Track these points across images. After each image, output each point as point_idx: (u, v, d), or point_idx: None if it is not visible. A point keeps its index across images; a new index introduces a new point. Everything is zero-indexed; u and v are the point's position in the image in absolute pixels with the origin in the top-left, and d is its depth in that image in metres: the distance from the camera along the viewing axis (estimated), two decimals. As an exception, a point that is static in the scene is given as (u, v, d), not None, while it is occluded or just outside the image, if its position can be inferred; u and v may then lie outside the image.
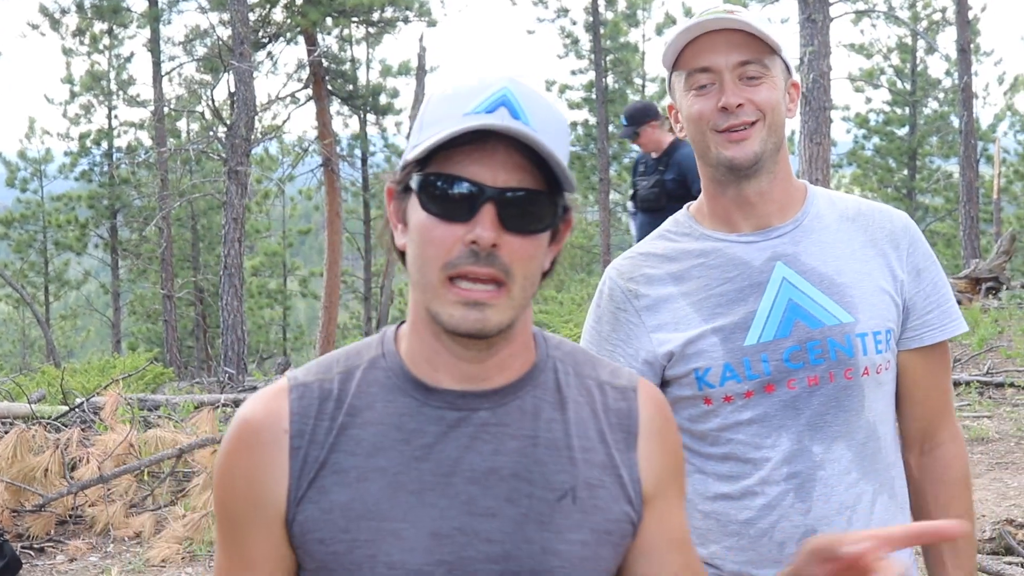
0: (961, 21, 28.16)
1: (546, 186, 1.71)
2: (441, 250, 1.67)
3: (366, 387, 1.80)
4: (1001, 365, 12.80)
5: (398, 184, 1.77)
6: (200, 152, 27.53)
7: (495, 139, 1.67)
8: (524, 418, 1.79)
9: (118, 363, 18.39)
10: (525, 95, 1.73)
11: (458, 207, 1.67)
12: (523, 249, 1.69)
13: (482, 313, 1.67)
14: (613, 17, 37.86)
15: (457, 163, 1.68)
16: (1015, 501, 7.96)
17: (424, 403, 1.77)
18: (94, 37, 35.48)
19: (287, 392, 1.80)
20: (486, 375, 1.78)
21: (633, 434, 1.84)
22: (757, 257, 2.44)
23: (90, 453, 8.44)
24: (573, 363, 1.89)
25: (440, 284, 1.68)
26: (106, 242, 38.44)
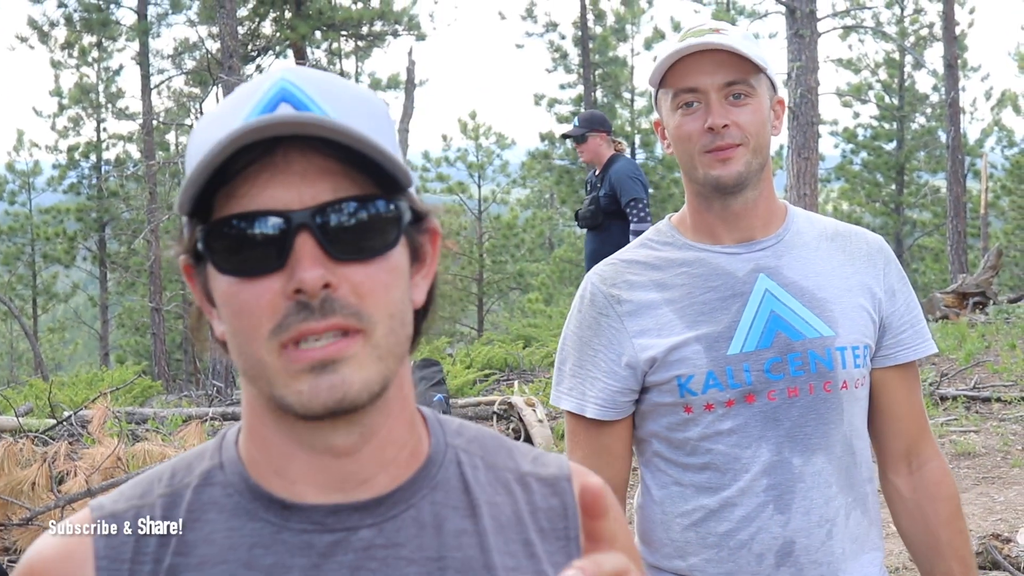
0: (948, 37, 28.29)
1: (376, 189, 1.28)
2: (260, 316, 1.23)
3: (200, 512, 1.33)
4: (988, 380, 12.82)
5: (189, 254, 1.31)
6: (189, 165, 27.48)
7: (286, 147, 1.24)
8: (423, 534, 1.33)
9: (106, 376, 18.36)
10: (310, 79, 1.30)
11: (263, 253, 1.23)
12: (371, 280, 1.26)
13: (336, 374, 1.23)
14: (602, 31, 37.93)
15: (243, 195, 1.24)
16: (1001, 516, 7.97)
17: (282, 527, 1.31)
18: (83, 50, 35.46)
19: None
20: (363, 474, 1.33)
21: (574, 539, 1.40)
22: (740, 268, 2.46)
23: (78, 467, 8.42)
24: (482, 452, 1.44)
25: (273, 358, 1.24)
26: (94, 255, 38.38)
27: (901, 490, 2.60)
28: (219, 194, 1.25)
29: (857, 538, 2.48)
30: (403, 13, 31.68)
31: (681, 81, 2.41)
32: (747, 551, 2.41)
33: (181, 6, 32.36)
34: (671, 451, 2.48)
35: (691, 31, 2.42)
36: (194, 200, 1.24)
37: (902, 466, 2.60)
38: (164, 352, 32.43)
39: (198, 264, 1.31)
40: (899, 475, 2.60)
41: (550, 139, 39.29)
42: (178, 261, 1.34)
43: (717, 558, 2.43)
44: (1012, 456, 9.67)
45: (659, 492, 2.51)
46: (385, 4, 31.72)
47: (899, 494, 2.60)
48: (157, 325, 32.59)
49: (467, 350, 16.36)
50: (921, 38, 39.14)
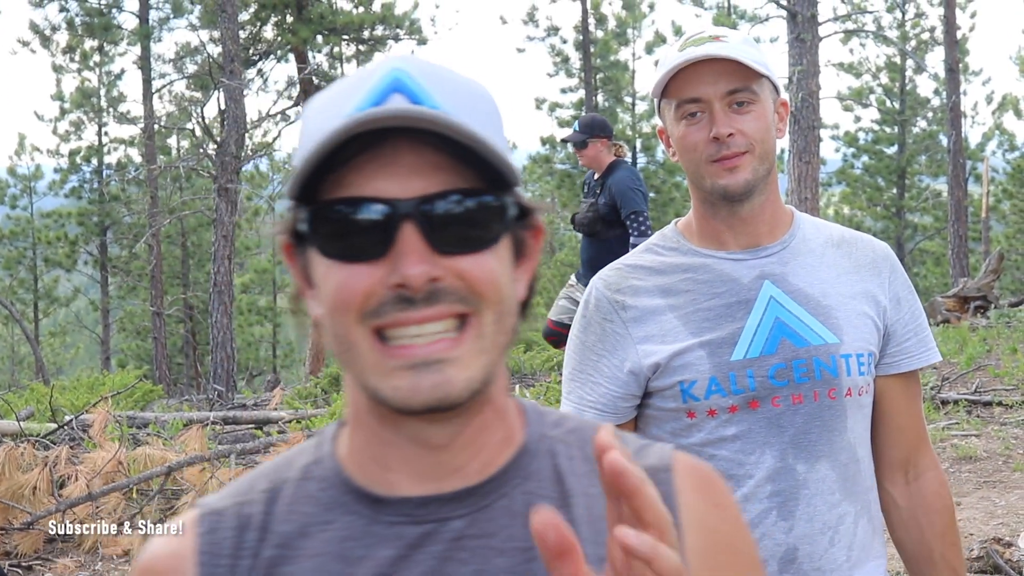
0: (949, 41, 28.30)
1: (482, 183, 1.25)
2: (355, 300, 1.22)
3: (297, 507, 1.35)
4: (989, 384, 12.82)
5: (290, 235, 1.31)
6: (190, 169, 27.54)
7: (396, 137, 1.22)
8: (514, 523, 1.30)
9: (107, 380, 18.36)
10: (426, 72, 1.28)
11: (367, 240, 1.22)
12: (480, 266, 1.23)
13: (440, 373, 1.21)
14: (603, 36, 37.95)
15: (352, 182, 1.23)
16: (1003, 520, 7.97)
17: (373, 519, 1.31)
18: (84, 54, 35.47)
19: (195, 526, 1.37)
20: (456, 464, 1.31)
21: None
22: (746, 275, 2.46)
23: (79, 471, 8.42)
24: (580, 443, 1.39)
25: (369, 347, 1.23)
26: (96, 259, 38.39)
27: (897, 500, 2.60)
28: (326, 181, 1.24)
29: (861, 546, 2.47)
30: (404, 17, 31.68)
31: (683, 92, 2.41)
32: None
33: (183, 10, 32.36)
34: None
35: (691, 39, 2.43)
36: (303, 186, 1.25)
37: (899, 476, 2.60)
38: (165, 356, 32.43)
39: (299, 246, 1.31)
40: (896, 485, 2.60)
41: (551, 143, 39.29)
42: (278, 240, 1.34)
43: None
44: (1013, 460, 9.67)
45: None
46: (386, 8, 31.73)
47: (895, 504, 2.60)
48: (158, 329, 32.60)
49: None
50: (922, 42, 39.16)
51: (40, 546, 7.96)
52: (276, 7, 29.46)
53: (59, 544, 8.10)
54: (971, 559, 6.75)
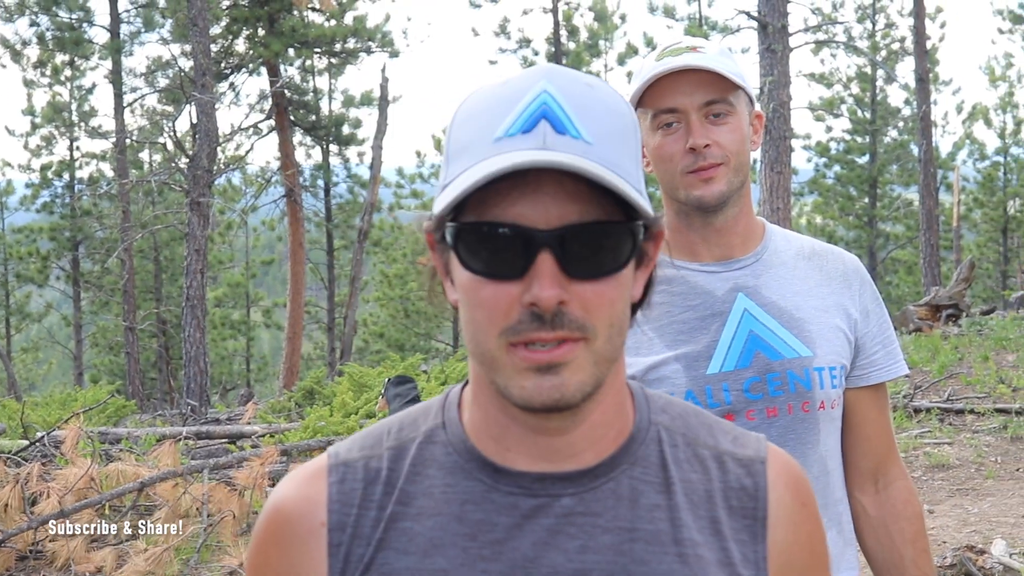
0: (919, 51, 28.46)
1: (617, 209, 1.35)
2: (496, 315, 1.33)
3: (422, 467, 1.46)
4: (961, 392, 12.89)
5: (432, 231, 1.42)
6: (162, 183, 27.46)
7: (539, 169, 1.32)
8: (619, 505, 1.42)
9: (80, 396, 18.28)
10: (571, 94, 1.37)
11: (506, 261, 1.32)
12: (599, 297, 1.34)
13: (559, 377, 1.32)
14: (575, 47, 37.99)
15: (495, 205, 1.33)
16: (975, 527, 8.00)
17: (492, 487, 1.42)
18: (56, 69, 35.36)
19: (326, 474, 1.47)
20: (571, 451, 1.42)
21: (760, 520, 1.46)
22: (719, 287, 2.46)
23: (51, 487, 8.38)
24: (684, 429, 1.51)
25: (501, 352, 1.34)
26: (68, 274, 38.21)
27: (867, 508, 2.60)
28: (471, 198, 1.34)
29: (834, 557, 2.47)
30: (376, 30, 31.72)
31: (660, 102, 2.40)
32: None
33: (154, 24, 32.31)
34: None
35: (668, 49, 2.42)
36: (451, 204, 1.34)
37: (869, 485, 2.60)
38: (138, 371, 32.30)
39: (441, 241, 1.40)
40: (866, 494, 2.60)
41: (524, 155, 39.27)
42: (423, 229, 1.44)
43: None
44: (986, 468, 9.72)
45: None
46: (358, 21, 31.76)
47: (865, 512, 2.61)
48: (131, 344, 32.47)
49: (442, 367, 16.34)
50: (893, 52, 39.37)
51: (12, 564, 7.92)
52: (248, 21, 29.46)
53: (31, 561, 8.06)
54: (944, 567, 6.78)
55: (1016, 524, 8.03)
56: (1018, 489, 9.11)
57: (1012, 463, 9.96)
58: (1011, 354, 15.05)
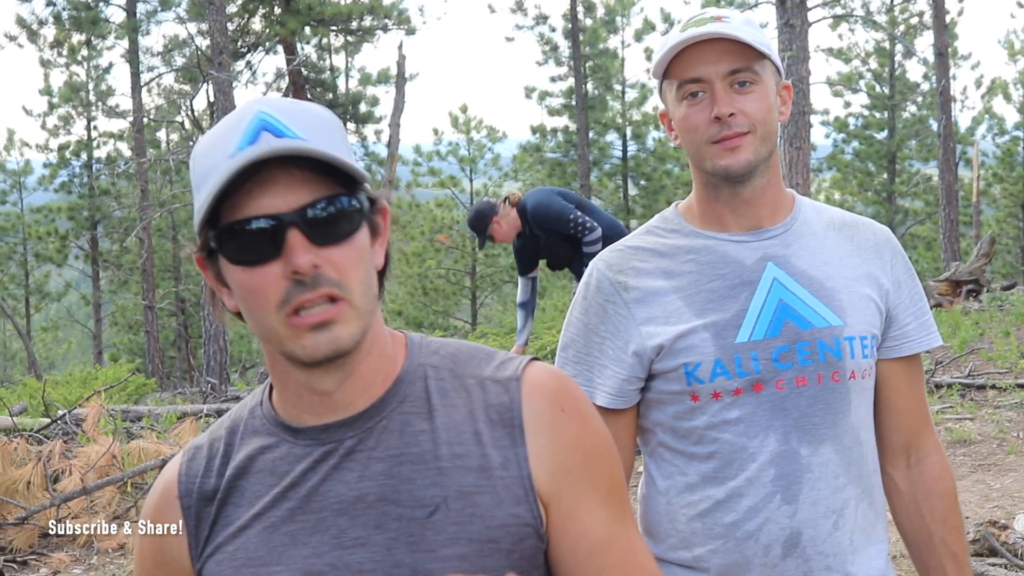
0: (938, 25, 28.29)
1: (341, 188, 1.66)
2: (268, 294, 1.63)
3: (247, 437, 1.82)
4: (982, 367, 12.84)
5: (202, 250, 1.72)
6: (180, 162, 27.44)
7: (270, 165, 1.62)
8: (390, 437, 1.73)
9: (100, 374, 18.34)
10: (282, 110, 1.68)
11: (264, 247, 1.62)
12: (345, 258, 1.65)
13: (331, 331, 1.63)
14: (592, 24, 37.90)
15: (245, 206, 1.62)
16: (998, 503, 7.98)
17: (293, 444, 1.77)
18: (72, 48, 35.40)
19: (182, 455, 1.86)
20: (347, 399, 1.74)
21: (518, 427, 1.74)
22: (748, 256, 2.44)
23: (72, 465, 8.41)
24: (452, 365, 1.82)
25: (281, 326, 1.64)
26: (86, 253, 38.34)
27: (899, 484, 2.59)
28: (224, 206, 1.63)
29: (864, 530, 2.46)
30: (392, 7, 31.64)
31: (685, 72, 2.38)
32: (754, 542, 2.39)
33: (170, 3, 32.28)
34: (676, 440, 2.45)
35: (693, 20, 2.39)
36: (206, 213, 1.63)
37: (901, 460, 2.59)
38: (158, 350, 32.39)
39: (209, 258, 1.71)
40: (897, 469, 2.59)
41: (541, 132, 39.24)
42: (193, 256, 1.75)
43: (723, 549, 2.41)
44: (1008, 443, 9.68)
45: (664, 483, 2.48)
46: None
47: (896, 488, 2.59)
48: (150, 323, 32.54)
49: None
50: (911, 27, 39.16)
51: (35, 541, 7.94)
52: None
53: (54, 539, 8.09)
54: (967, 542, 6.75)
55: (1038, 499, 8.02)
56: (1040, 464, 9.10)
57: (1034, 438, 9.95)
58: (1032, 329, 15.01)
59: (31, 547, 7.90)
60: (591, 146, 37.19)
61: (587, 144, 35.67)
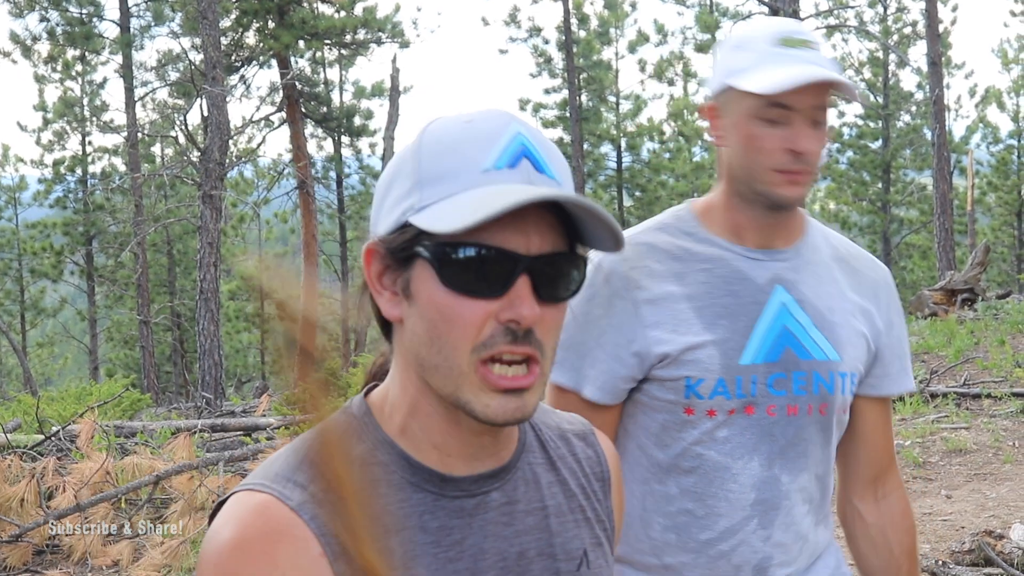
0: (931, 34, 28.34)
1: (570, 243, 1.51)
2: (470, 330, 1.45)
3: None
4: (978, 376, 12.84)
5: (394, 248, 1.51)
6: (174, 177, 27.49)
7: None
8: (529, 489, 1.63)
9: (95, 390, 18.30)
10: (536, 137, 1.52)
11: (490, 282, 1.45)
12: (555, 320, 1.50)
13: (521, 400, 1.47)
14: (586, 35, 37.98)
15: (483, 229, 1.43)
16: (994, 512, 7.97)
17: (440, 495, 1.55)
18: (66, 64, 35.43)
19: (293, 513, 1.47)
20: (496, 448, 1.60)
21: (606, 480, 1.74)
22: (760, 276, 2.43)
23: (66, 482, 8.39)
24: (540, 414, 1.73)
25: (471, 370, 1.46)
26: (82, 269, 38.33)
27: (865, 515, 2.63)
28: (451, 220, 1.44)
29: (819, 553, 2.54)
30: (386, 21, 31.69)
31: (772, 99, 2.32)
32: (726, 561, 2.40)
33: (164, 18, 32.33)
34: (658, 448, 2.44)
35: (785, 37, 2.34)
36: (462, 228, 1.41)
37: (869, 493, 2.63)
38: (153, 365, 32.38)
39: (395, 256, 1.51)
40: (865, 501, 2.63)
41: (536, 144, 39.25)
42: (366, 244, 1.55)
43: (695, 563, 2.42)
44: (1003, 452, 9.68)
45: (639, 488, 2.47)
46: (368, 12, 31.73)
47: (862, 519, 2.63)
48: (145, 338, 32.54)
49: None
50: (905, 36, 39.25)
51: (29, 558, 7.93)
52: (257, 13, 29.45)
53: (48, 556, 8.07)
54: (963, 551, 6.75)
55: (1034, 508, 8.01)
56: (1036, 473, 9.09)
57: (1030, 447, 9.94)
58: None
59: (25, 564, 7.88)
60: (586, 158, 37.23)
61: (582, 156, 35.70)
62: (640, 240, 2.47)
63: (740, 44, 2.38)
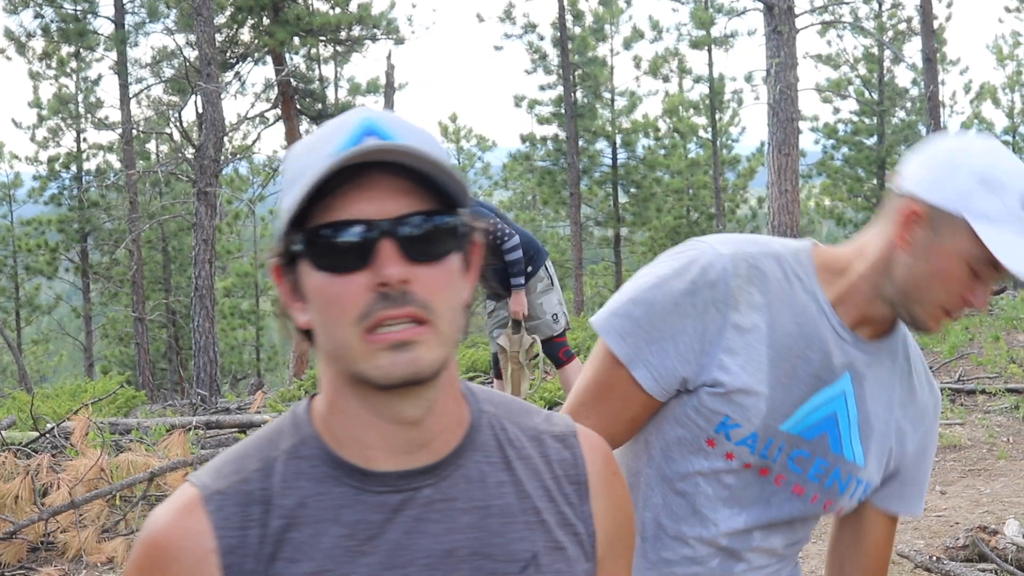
0: (926, 31, 28.33)
1: (441, 205, 1.55)
2: (348, 305, 1.50)
3: (292, 481, 1.60)
4: (972, 372, 12.86)
5: (282, 257, 1.58)
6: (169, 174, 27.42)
7: (371, 170, 1.51)
8: (472, 487, 1.62)
9: (89, 387, 18.30)
10: (389, 119, 1.58)
11: (353, 254, 1.50)
12: (436, 279, 1.52)
13: (412, 352, 1.49)
14: (581, 32, 37.95)
15: (338, 208, 1.51)
16: (988, 508, 7.98)
17: (362, 490, 1.59)
18: (61, 60, 35.38)
19: (202, 504, 1.58)
20: (425, 439, 1.60)
21: (583, 484, 1.71)
22: (838, 355, 2.36)
23: (61, 479, 8.38)
24: (507, 415, 1.73)
25: (357, 340, 1.50)
26: (77, 266, 38.28)
27: None
28: (316, 208, 1.51)
29: None
30: (381, 17, 31.64)
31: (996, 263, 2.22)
32: None
33: (158, 15, 32.25)
34: (664, 458, 2.41)
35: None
36: (297, 214, 1.51)
37: None
38: (148, 362, 32.36)
39: (287, 265, 1.57)
40: None
41: (531, 140, 39.29)
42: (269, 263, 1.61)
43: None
44: (998, 448, 9.69)
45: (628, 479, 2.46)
46: (363, 9, 31.68)
47: None
48: (141, 335, 32.52)
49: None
50: (899, 33, 39.23)
51: (23, 555, 7.92)
52: (252, 9, 29.40)
53: (43, 553, 8.06)
54: (957, 547, 6.76)
55: (1029, 504, 8.02)
56: (1030, 469, 9.10)
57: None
58: (1022, 334, 15.02)
59: (20, 562, 7.87)
60: (581, 154, 37.21)
61: (577, 152, 35.69)
62: (757, 264, 2.35)
63: (989, 182, 2.20)
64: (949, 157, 2.25)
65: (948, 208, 2.20)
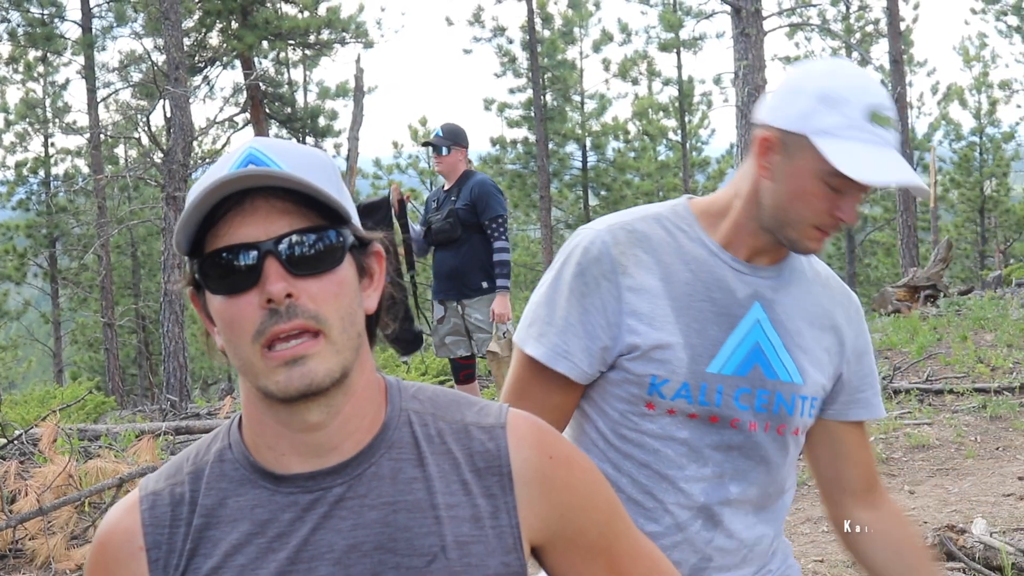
0: (893, 32, 28.53)
1: (324, 221, 1.64)
2: (244, 324, 1.60)
3: (216, 483, 1.73)
4: (940, 372, 12.91)
5: (191, 284, 1.70)
6: (138, 179, 27.37)
7: (253, 196, 1.61)
8: (382, 484, 1.69)
9: (58, 393, 18.25)
10: (272, 146, 1.69)
11: (242, 276, 1.61)
12: (324, 290, 1.62)
13: (305, 366, 1.60)
14: (550, 35, 37.98)
15: (225, 234, 1.61)
16: (956, 507, 8.02)
17: (275, 491, 1.70)
18: (28, 65, 35.19)
19: (138, 505, 1.74)
20: (333, 443, 1.69)
21: (506, 475, 1.74)
22: (741, 289, 2.45)
23: (29, 485, 8.33)
24: (433, 410, 1.79)
25: (257, 358, 1.61)
26: (45, 271, 38.08)
27: (869, 522, 2.66)
28: (207, 236, 1.63)
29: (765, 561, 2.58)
30: (350, 21, 31.61)
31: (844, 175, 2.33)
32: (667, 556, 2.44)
33: (126, 19, 32.15)
34: (616, 437, 2.47)
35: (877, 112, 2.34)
36: (190, 242, 1.64)
37: (864, 502, 2.67)
38: (118, 367, 32.20)
39: (199, 292, 1.68)
40: (864, 509, 2.67)
41: (501, 143, 39.29)
42: (185, 293, 1.72)
43: None
44: (966, 447, 9.74)
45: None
46: (332, 12, 31.64)
47: (869, 527, 2.66)
48: (110, 340, 32.36)
49: (421, 356, 16.28)
50: (867, 35, 39.44)
51: (-9, 563, 7.87)
52: (221, 13, 29.35)
53: (11, 560, 8.02)
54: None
55: (996, 503, 8.05)
56: (998, 468, 9.13)
57: (991, 442, 9.98)
58: (989, 334, 15.09)
59: (-13, 569, 7.83)
60: (551, 157, 37.23)
61: (547, 155, 35.71)
62: (634, 227, 2.47)
63: (829, 99, 2.32)
64: (793, 82, 2.38)
65: (793, 129, 2.33)
